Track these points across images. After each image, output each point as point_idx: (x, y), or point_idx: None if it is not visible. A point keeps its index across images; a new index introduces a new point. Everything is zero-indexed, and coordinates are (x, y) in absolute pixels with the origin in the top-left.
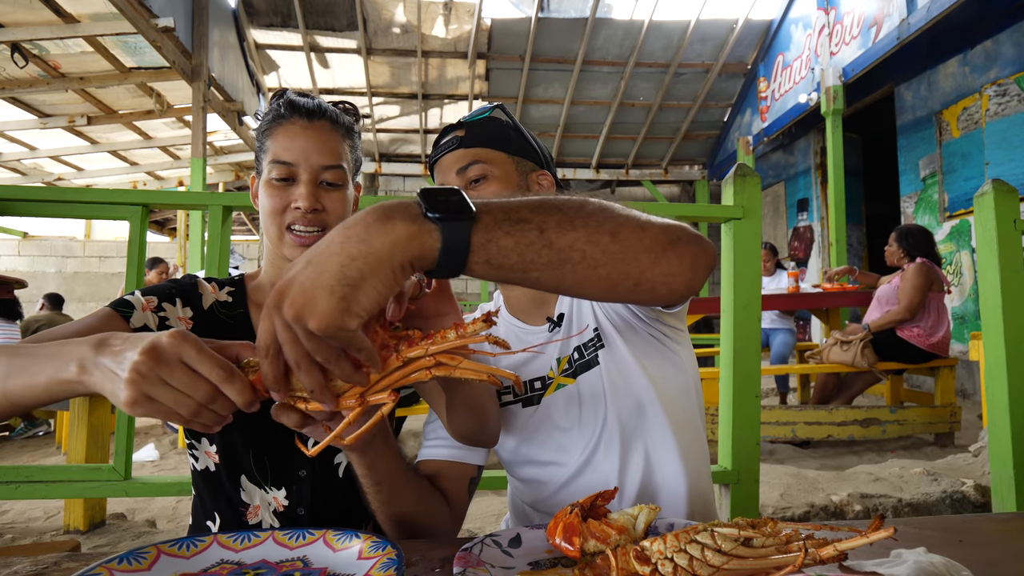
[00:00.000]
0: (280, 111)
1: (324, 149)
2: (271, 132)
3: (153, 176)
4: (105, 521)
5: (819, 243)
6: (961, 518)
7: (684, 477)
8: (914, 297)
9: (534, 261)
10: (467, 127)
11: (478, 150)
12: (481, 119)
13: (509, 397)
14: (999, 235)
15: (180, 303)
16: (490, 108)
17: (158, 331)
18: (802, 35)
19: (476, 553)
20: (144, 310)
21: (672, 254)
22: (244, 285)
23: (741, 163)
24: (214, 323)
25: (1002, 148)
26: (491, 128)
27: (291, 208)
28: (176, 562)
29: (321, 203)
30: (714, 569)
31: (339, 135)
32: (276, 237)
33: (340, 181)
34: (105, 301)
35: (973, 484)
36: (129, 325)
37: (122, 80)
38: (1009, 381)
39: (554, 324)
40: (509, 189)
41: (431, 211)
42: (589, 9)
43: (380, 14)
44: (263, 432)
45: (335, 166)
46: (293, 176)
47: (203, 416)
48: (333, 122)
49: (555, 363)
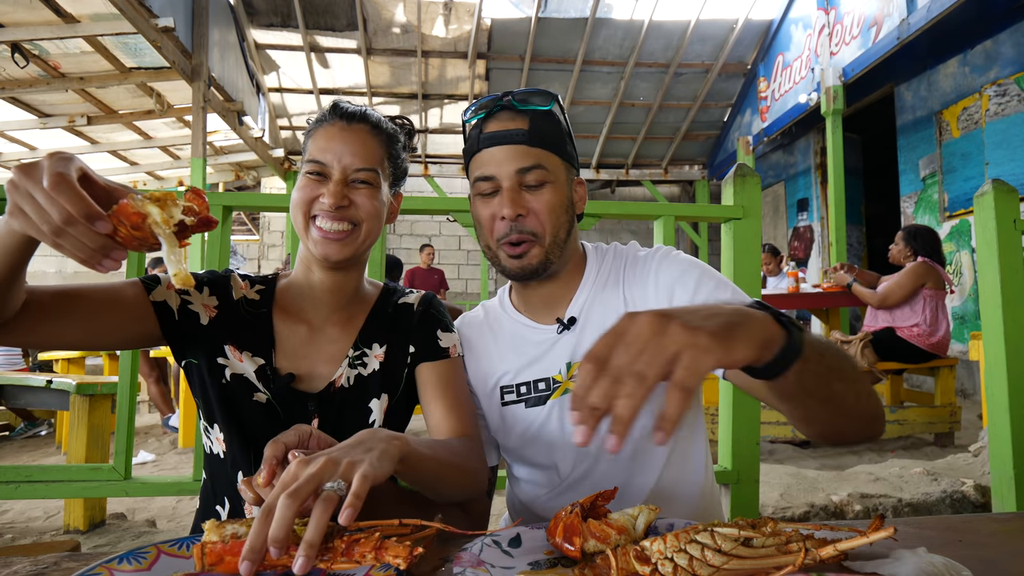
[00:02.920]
0: (323, 115)
1: (359, 152)
2: (312, 134)
3: (153, 176)
4: (105, 521)
5: (819, 243)
6: (961, 518)
7: (693, 484)
8: (894, 291)
9: (816, 394)
10: (531, 118)
11: (540, 152)
12: (545, 110)
13: (512, 396)
14: (999, 235)
15: (207, 291)
16: (550, 97)
17: (178, 311)
18: (802, 35)
19: (476, 553)
20: (169, 288)
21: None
22: (275, 285)
23: (741, 163)
24: (237, 317)
25: (1002, 148)
26: (552, 126)
27: (318, 201)
28: (176, 562)
29: (350, 199)
30: (714, 569)
31: (377, 141)
32: (302, 228)
33: (371, 182)
34: None
35: (973, 484)
36: (148, 296)
37: (122, 80)
38: (1009, 381)
39: (563, 326)
40: (559, 199)
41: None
42: (589, 9)
43: (380, 14)
44: (264, 431)
45: (367, 169)
46: (326, 174)
47: (65, 238)
48: (374, 127)
49: (564, 367)
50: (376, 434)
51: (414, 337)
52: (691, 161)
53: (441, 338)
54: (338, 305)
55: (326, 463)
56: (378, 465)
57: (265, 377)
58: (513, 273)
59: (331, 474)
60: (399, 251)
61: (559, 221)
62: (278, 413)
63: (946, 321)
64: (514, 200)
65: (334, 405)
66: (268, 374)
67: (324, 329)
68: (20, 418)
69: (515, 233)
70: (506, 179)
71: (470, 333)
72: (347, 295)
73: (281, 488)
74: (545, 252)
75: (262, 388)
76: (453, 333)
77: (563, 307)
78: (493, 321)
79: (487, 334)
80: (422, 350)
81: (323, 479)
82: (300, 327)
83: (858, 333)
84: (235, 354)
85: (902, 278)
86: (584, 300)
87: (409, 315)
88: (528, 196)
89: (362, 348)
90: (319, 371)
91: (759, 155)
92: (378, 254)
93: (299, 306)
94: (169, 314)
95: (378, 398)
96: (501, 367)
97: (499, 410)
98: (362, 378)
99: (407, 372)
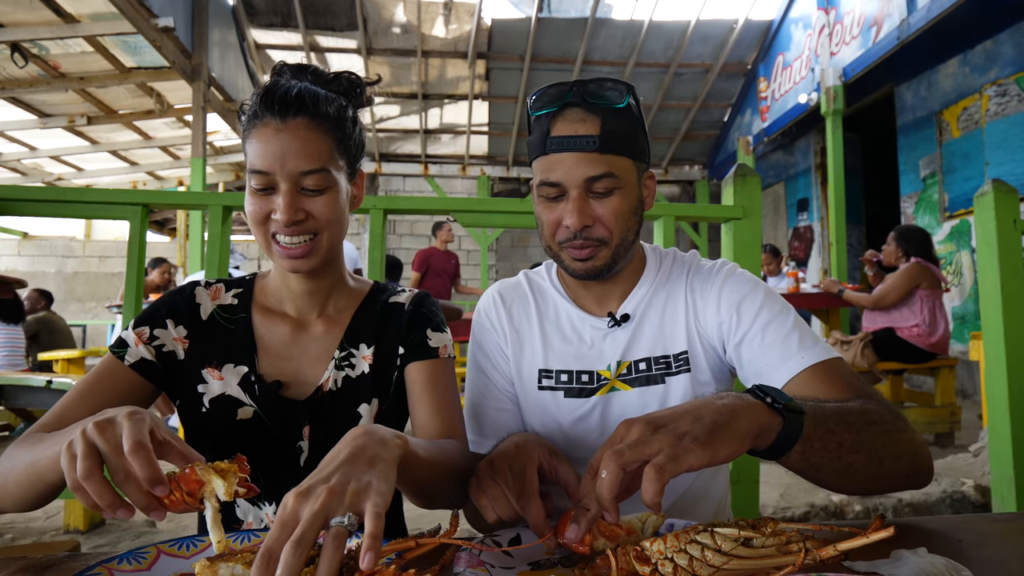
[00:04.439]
0: (255, 109)
1: (302, 152)
2: (248, 134)
3: (153, 176)
4: (105, 521)
5: (819, 243)
6: (961, 518)
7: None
8: (889, 293)
9: (826, 466)
10: (603, 118)
11: (612, 158)
12: (619, 108)
13: (551, 382)
14: (999, 235)
15: (172, 323)
16: (627, 91)
17: (157, 361)
18: (802, 35)
19: (476, 553)
20: (137, 344)
21: (907, 481)
22: (252, 286)
23: (741, 163)
24: (215, 331)
25: (1002, 148)
26: (626, 124)
27: (271, 219)
28: (176, 562)
29: (304, 210)
30: (714, 569)
31: (321, 132)
32: (264, 246)
33: (324, 185)
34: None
35: (973, 484)
36: (124, 364)
37: (122, 80)
38: (1009, 381)
39: (615, 321)
40: (628, 204)
41: (777, 402)
42: (589, 9)
43: (380, 14)
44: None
45: (316, 170)
46: (272, 185)
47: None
48: (313, 116)
49: (614, 364)
50: (373, 435)
51: (403, 338)
52: (691, 161)
53: (431, 337)
54: (318, 301)
55: (329, 496)
56: (386, 488)
57: (250, 386)
58: (578, 274)
59: (337, 508)
60: (399, 251)
61: (627, 225)
62: (267, 426)
63: (945, 320)
64: (581, 210)
65: (324, 412)
66: (252, 381)
67: (307, 327)
68: (20, 418)
69: (580, 239)
70: (573, 187)
71: (513, 304)
72: (325, 292)
73: (280, 528)
74: (612, 254)
75: (248, 400)
76: (444, 333)
77: (616, 302)
78: (540, 298)
79: (532, 310)
80: (411, 350)
81: (328, 516)
82: (282, 326)
83: (858, 333)
84: (214, 375)
85: (896, 279)
86: (641, 298)
87: (400, 315)
88: (596, 204)
89: (349, 348)
90: (305, 374)
91: (759, 155)
92: (378, 254)
93: (279, 304)
94: (151, 366)
95: (368, 403)
96: (544, 350)
97: (534, 393)
98: (351, 380)
99: (397, 376)
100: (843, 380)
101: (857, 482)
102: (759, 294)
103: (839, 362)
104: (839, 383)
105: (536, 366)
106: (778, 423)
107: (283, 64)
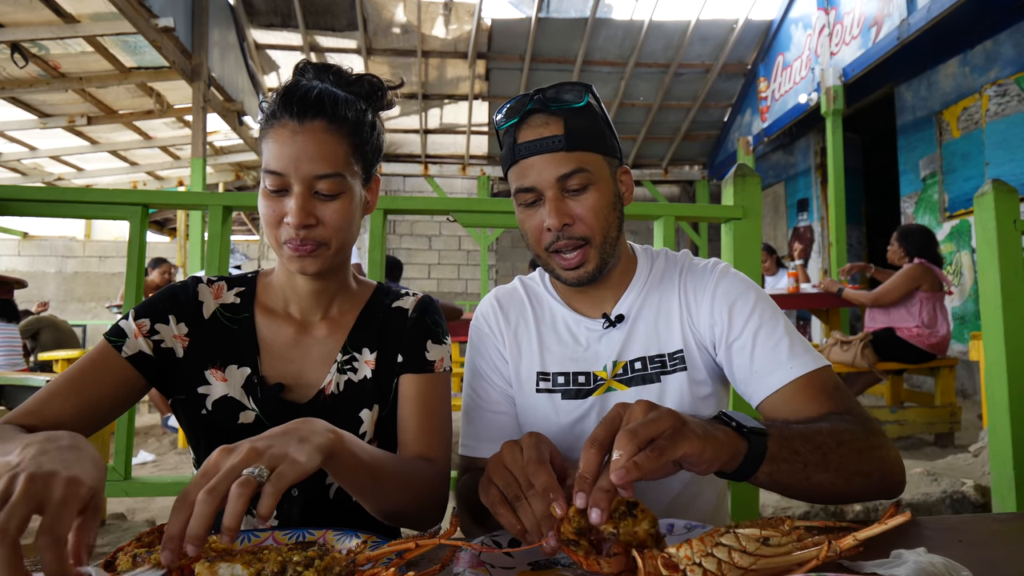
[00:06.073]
0: (274, 109)
1: (317, 155)
2: (265, 134)
3: (153, 176)
4: (105, 521)
5: (819, 243)
6: (961, 518)
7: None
8: (888, 292)
9: (794, 486)
10: (566, 117)
11: (581, 155)
12: (580, 107)
13: (548, 384)
14: (999, 235)
15: (174, 320)
16: (585, 91)
17: (154, 353)
18: (802, 35)
19: (476, 553)
20: (136, 336)
21: (877, 495)
22: (255, 284)
23: (741, 163)
24: (215, 332)
25: (1002, 148)
26: (589, 122)
27: (284, 223)
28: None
29: (316, 216)
30: (742, 571)
31: (339, 136)
32: (276, 248)
33: (337, 191)
34: (105, 301)
35: (973, 484)
36: (121, 354)
37: (122, 80)
38: (1009, 381)
39: (609, 322)
40: (605, 198)
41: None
42: (589, 9)
43: (380, 14)
44: None
45: (331, 175)
46: (286, 187)
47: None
48: (331, 119)
49: (610, 364)
50: (311, 424)
51: (403, 346)
52: (691, 161)
53: (429, 350)
54: (323, 303)
55: (249, 453)
56: (304, 461)
57: (253, 388)
58: (571, 282)
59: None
60: (399, 251)
61: (608, 220)
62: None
63: (946, 322)
64: (558, 209)
65: (325, 416)
66: (255, 383)
67: (310, 329)
68: None
69: (564, 240)
70: (548, 188)
71: (510, 309)
72: (331, 294)
73: (201, 476)
74: (599, 255)
75: (250, 404)
76: (443, 345)
77: (610, 303)
78: (536, 303)
79: (529, 315)
80: (408, 360)
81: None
82: (285, 327)
83: (858, 334)
84: (217, 376)
85: (896, 279)
86: (634, 299)
87: (403, 321)
88: (572, 203)
89: (352, 352)
90: (308, 377)
91: (759, 155)
92: (378, 254)
93: (283, 304)
94: (147, 360)
95: (369, 409)
96: (541, 353)
97: (532, 396)
98: (353, 385)
99: (395, 383)
100: (826, 393)
101: (826, 498)
102: (751, 297)
103: (826, 372)
104: (821, 396)
105: (534, 369)
106: (744, 447)
107: (306, 62)
